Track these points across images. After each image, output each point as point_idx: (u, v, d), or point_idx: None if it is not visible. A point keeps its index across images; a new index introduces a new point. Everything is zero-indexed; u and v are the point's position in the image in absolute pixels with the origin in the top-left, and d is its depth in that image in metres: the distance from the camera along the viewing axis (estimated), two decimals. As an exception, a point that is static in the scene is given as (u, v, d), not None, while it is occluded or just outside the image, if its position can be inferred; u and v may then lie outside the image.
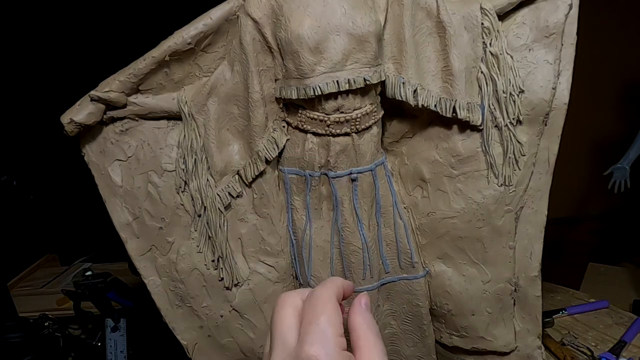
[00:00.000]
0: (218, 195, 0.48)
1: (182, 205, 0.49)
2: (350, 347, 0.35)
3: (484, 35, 0.45)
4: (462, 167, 0.48)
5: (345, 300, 0.39)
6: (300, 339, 0.34)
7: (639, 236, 1.23)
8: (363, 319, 0.37)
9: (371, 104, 0.45)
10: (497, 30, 0.45)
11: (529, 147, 0.48)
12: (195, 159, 0.47)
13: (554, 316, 0.78)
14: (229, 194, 0.48)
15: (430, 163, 0.49)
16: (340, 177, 0.47)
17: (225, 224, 0.49)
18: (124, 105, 0.47)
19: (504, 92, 0.46)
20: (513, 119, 0.46)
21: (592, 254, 1.31)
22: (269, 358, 0.35)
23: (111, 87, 0.45)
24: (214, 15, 0.44)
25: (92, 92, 0.45)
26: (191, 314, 0.52)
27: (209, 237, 0.49)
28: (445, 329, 0.53)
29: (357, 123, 0.45)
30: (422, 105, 0.46)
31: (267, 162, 0.48)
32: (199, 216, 0.49)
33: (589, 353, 0.69)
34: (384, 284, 0.52)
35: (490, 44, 0.45)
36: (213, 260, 0.50)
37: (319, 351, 0.33)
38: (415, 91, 0.46)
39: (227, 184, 0.48)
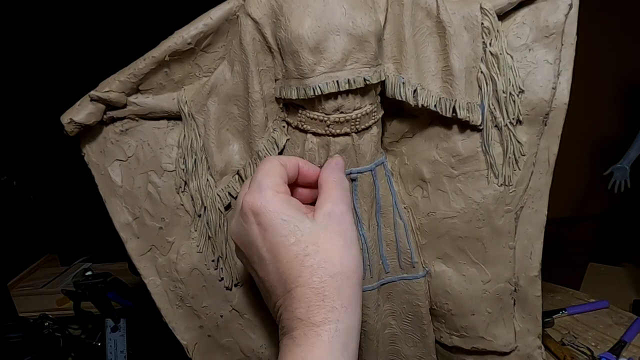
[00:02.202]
0: (218, 195, 0.48)
1: (182, 205, 0.49)
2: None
3: (484, 35, 0.45)
4: (462, 167, 0.48)
5: None
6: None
7: (639, 236, 1.23)
8: (328, 173, 0.42)
9: (371, 104, 0.45)
10: (497, 30, 0.45)
11: (529, 147, 0.48)
12: (195, 159, 0.47)
13: (554, 316, 0.78)
14: (229, 194, 0.48)
15: (430, 163, 0.49)
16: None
17: (225, 224, 0.49)
18: (124, 105, 0.47)
19: (503, 92, 0.46)
20: (513, 118, 0.46)
21: (592, 254, 1.32)
22: None
23: (111, 87, 0.45)
24: (214, 15, 0.44)
25: (92, 92, 0.45)
26: (191, 314, 0.52)
27: (209, 237, 0.49)
28: (445, 329, 0.53)
29: (357, 123, 0.45)
30: (422, 105, 0.46)
31: (267, 161, 0.48)
32: (199, 216, 0.49)
33: (589, 353, 0.69)
34: (383, 284, 0.52)
35: (490, 43, 0.45)
36: (213, 260, 0.50)
37: (254, 197, 0.37)
38: (415, 91, 0.46)
39: (227, 184, 0.48)
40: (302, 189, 0.44)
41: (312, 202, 0.44)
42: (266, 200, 0.36)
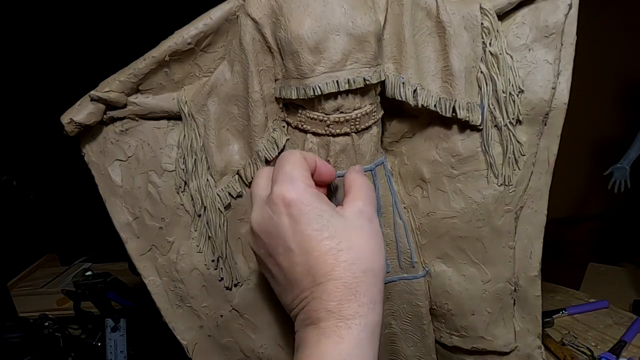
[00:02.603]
0: (218, 195, 0.48)
1: (182, 205, 0.49)
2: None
3: (484, 35, 0.45)
4: (462, 167, 0.48)
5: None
6: (271, 188, 0.38)
7: (639, 236, 1.23)
8: (355, 175, 0.42)
9: (371, 104, 0.45)
10: (497, 30, 0.45)
11: (529, 147, 0.48)
12: (195, 159, 0.47)
13: (554, 316, 0.78)
14: (229, 194, 0.48)
15: (430, 163, 0.49)
16: (340, 177, 0.47)
17: (225, 224, 0.49)
18: (124, 105, 0.47)
19: (503, 92, 0.46)
20: (513, 118, 0.47)
21: (592, 254, 1.32)
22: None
23: (111, 87, 0.45)
24: (214, 15, 0.44)
25: (92, 92, 0.45)
26: (191, 314, 0.52)
27: (209, 237, 0.49)
28: (445, 328, 0.53)
29: (356, 123, 0.45)
30: (422, 105, 0.46)
31: (267, 162, 0.48)
32: (199, 216, 0.49)
33: (589, 353, 0.69)
34: (384, 284, 0.52)
35: (490, 44, 0.45)
36: (213, 260, 0.50)
37: (287, 188, 0.37)
38: (415, 91, 0.46)
39: (227, 184, 0.48)
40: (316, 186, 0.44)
41: None
42: (299, 192, 0.36)
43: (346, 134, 0.45)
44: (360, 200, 0.39)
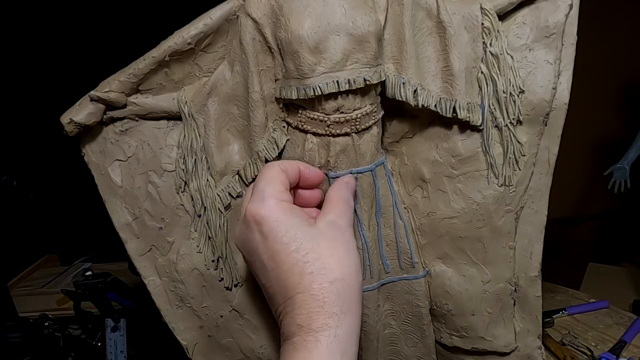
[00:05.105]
0: (218, 195, 0.48)
1: (182, 205, 0.49)
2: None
3: (484, 35, 0.45)
4: (462, 167, 0.48)
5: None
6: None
7: (639, 236, 1.23)
8: (337, 190, 0.43)
9: (371, 104, 0.45)
10: (497, 30, 0.45)
11: (529, 147, 0.48)
12: (195, 159, 0.47)
13: (554, 316, 0.78)
14: (229, 194, 0.48)
15: (430, 163, 0.49)
16: (340, 177, 0.47)
17: (225, 224, 0.49)
18: (124, 106, 0.47)
19: (504, 92, 0.46)
20: (513, 119, 0.46)
21: (592, 254, 1.32)
22: None
23: (111, 87, 0.45)
24: (214, 15, 0.44)
25: (92, 92, 0.45)
26: (191, 314, 0.52)
27: (209, 237, 0.49)
28: (445, 329, 0.53)
29: (357, 123, 0.45)
30: (422, 105, 0.46)
31: (267, 162, 0.48)
32: (199, 216, 0.49)
33: (589, 353, 0.69)
34: (384, 284, 0.52)
35: (490, 44, 0.45)
36: (213, 260, 0.50)
37: (257, 206, 0.38)
38: (415, 91, 0.46)
39: (227, 184, 0.48)
40: (304, 191, 0.44)
41: (315, 205, 0.45)
42: (268, 209, 0.37)
43: (346, 134, 0.45)
44: (332, 213, 0.40)
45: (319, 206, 0.44)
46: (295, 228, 0.37)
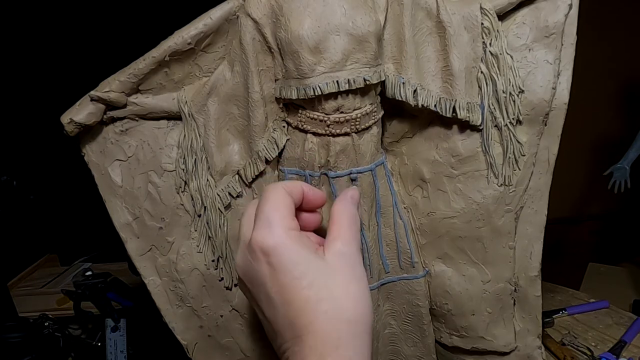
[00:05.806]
0: (218, 195, 0.48)
1: (182, 205, 0.49)
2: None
3: (484, 35, 0.45)
4: (462, 167, 0.48)
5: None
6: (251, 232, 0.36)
7: (639, 236, 1.23)
8: (343, 207, 0.40)
9: (371, 104, 0.45)
10: (497, 30, 0.45)
11: (529, 147, 0.48)
12: (195, 159, 0.47)
13: (554, 316, 0.78)
14: (229, 194, 0.48)
15: (430, 163, 0.49)
16: (340, 177, 0.47)
17: (225, 224, 0.49)
18: (124, 105, 0.47)
19: (503, 92, 0.46)
20: (513, 119, 0.46)
21: (592, 254, 1.32)
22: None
23: (111, 87, 0.45)
24: (214, 15, 0.44)
25: (92, 92, 0.45)
26: (191, 314, 0.52)
27: (209, 237, 0.49)
28: (445, 329, 0.53)
29: (357, 123, 0.45)
30: (422, 105, 0.46)
31: (267, 162, 0.48)
32: (199, 216, 0.49)
33: (589, 353, 0.69)
34: (383, 284, 0.52)
35: (490, 44, 0.45)
36: (213, 260, 0.50)
37: (264, 234, 0.35)
38: (415, 91, 0.46)
39: (227, 184, 0.48)
40: (306, 214, 0.41)
41: (314, 229, 0.42)
42: (277, 239, 0.34)
43: (346, 134, 0.45)
44: (339, 241, 0.37)
45: (316, 230, 0.42)
46: (307, 261, 0.34)
